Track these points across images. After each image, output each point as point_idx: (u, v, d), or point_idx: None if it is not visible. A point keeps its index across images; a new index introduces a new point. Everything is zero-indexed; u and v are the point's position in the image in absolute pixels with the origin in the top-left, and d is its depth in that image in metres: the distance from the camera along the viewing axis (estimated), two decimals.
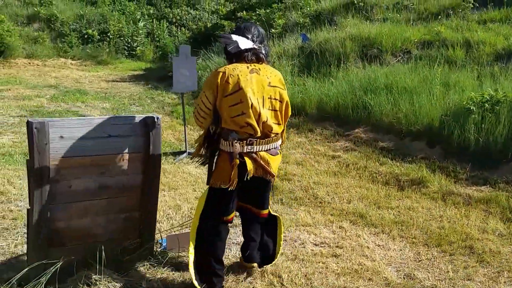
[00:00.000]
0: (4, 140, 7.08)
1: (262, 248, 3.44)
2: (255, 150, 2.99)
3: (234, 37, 2.99)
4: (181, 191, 5.28)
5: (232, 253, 3.78)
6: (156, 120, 3.17)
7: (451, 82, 6.84)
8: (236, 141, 2.94)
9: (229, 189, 2.99)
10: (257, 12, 13.05)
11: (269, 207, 3.37)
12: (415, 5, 9.89)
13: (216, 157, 3.12)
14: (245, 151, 2.96)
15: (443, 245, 3.97)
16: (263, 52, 3.06)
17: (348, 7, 10.72)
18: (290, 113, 3.21)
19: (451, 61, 7.57)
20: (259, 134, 2.97)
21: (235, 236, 4.03)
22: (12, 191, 4.97)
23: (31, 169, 2.89)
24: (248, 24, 3.16)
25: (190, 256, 3.09)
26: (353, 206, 4.84)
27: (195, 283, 3.03)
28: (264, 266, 3.47)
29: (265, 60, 3.07)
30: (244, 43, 2.97)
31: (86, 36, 17.18)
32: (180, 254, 3.61)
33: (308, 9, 11.67)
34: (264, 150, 3.03)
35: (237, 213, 3.35)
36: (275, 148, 3.10)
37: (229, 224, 3.21)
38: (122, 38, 18.05)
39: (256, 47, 3.03)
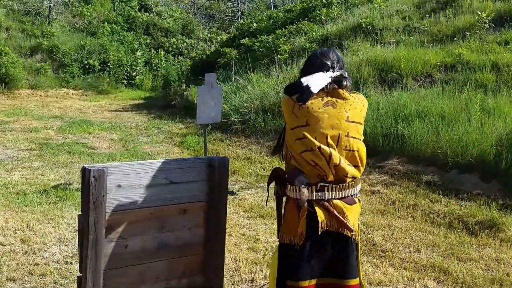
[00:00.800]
0: (16, 176, 6.41)
1: None
2: (326, 198, 2.37)
3: (305, 80, 2.37)
4: None
5: None
6: (224, 162, 2.55)
7: (489, 107, 6.26)
8: (303, 186, 2.35)
9: (298, 244, 2.37)
10: (260, 38, 12.58)
11: (360, 277, 2.56)
12: (427, 27, 9.45)
13: (284, 204, 2.53)
14: (314, 198, 2.36)
15: None
16: (346, 76, 2.46)
17: (356, 31, 10.29)
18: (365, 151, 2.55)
19: (481, 85, 7.02)
20: (331, 178, 2.36)
21: None
22: (33, 238, 4.30)
23: (84, 228, 2.27)
24: (325, 50, 2.56)
25: None
26: (425, 257, 4.13)
27: None
28: None
29: (348, 87, 2.47)
30: (318, 82, 2.36)
31: (87, 66, 16.66)
32: None
33: (314, 34, 11.21)
34: (338, 198, 2.39)
35: None
36: (352, 195, 2.45)
37: None
38: (121, 68, 17.58)
39: (336, 74, 2.44)
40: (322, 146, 2.32)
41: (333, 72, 2.43)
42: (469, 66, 7.59)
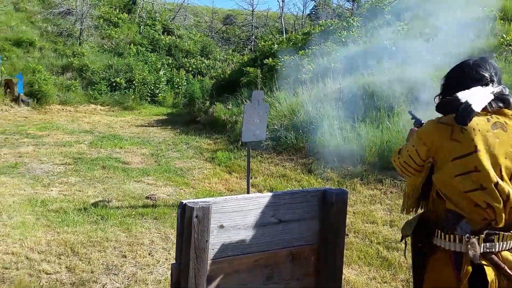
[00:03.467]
0: (54, 193, 5.73)
1: None
2: (496, 249, 1.67)
3: (462, 95, 1.69)
4: None
5: None
6: (343, 196, 1.87)
7: None
8: (467, 235, 1.64)
9: None
10: (283, 58, 11.97)
11: None
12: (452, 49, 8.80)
13: (425, 255, 1.79)
14: (481, 251, 1.65)
15: None
16: (508, 92, 1.76)
17: (380, 51, 9.60)
18: None
19: None
20: (501, 224, 1.66)
21: None
22: (79, 265, 3.60)
23: (182, 281, 1.57)
24: (479, 59, 1.83)
25: None
26: None
27: None
28: None
29: None
30: (479, 99, 1.69)
31: (114, 84, 16.21)
32: None
33: (337, 54, 10.58)
34: (507, 249, 1.69)
35: None
36: None
37: None
38: (145, 86, 17.13)
39: (497, 89, 1.75)
40: (500, 182, 1.63)
41: (492, 86, 1.75)
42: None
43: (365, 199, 5.61)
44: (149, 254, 3.89)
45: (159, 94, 17.74)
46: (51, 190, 5.83)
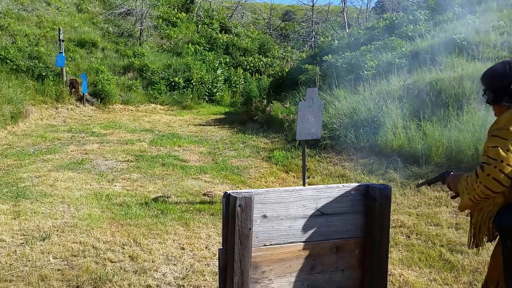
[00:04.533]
0: (117, 188, 6.21)
1: None
2: None
3: None
4: None
5: None
6: (386, 192, 1.96)
7: None
8: None
9: None
10: (343, 55, 11.95)
11: None
12: None
13: None
14: None
15: None
16: None
17: (449, 46, 9.36)
18: None
19: None
20: None
21: None
22: (141, 255, 3.93)
23: (228, 266, 1.77)
24: None
25: None
26: None
27: None
28: None
29: None
30: None
31: (173, 84, 16.93)
32: None
33: (402, 49, 10.39)
34: None
35: None
36: None
37: None
38: (203, 85, 17.70)
39: None
40: None
41: None
42: None
43: (430, 201, 5.53)
44: (206, 248, 4.17)
45: (217, 93, 18.24)
46: (115, 185, 6.33)
